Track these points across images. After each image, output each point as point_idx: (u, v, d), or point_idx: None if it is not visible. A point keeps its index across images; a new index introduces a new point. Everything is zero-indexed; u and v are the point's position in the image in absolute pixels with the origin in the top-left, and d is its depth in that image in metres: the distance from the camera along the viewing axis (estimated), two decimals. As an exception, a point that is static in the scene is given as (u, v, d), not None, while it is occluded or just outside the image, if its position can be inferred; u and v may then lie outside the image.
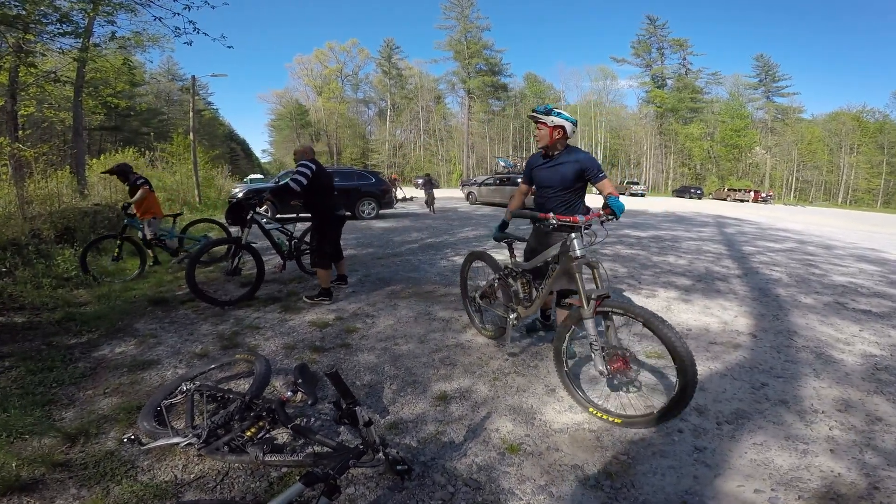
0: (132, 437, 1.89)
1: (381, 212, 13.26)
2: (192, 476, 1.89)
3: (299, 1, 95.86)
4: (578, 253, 2.35)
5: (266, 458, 1.74)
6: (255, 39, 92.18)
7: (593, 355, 2.22)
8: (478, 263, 3.57)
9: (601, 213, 2.40)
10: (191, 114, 17.75)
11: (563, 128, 2.73)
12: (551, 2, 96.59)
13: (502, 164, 31.87)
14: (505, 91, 60.78)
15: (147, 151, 17.16)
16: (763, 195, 40.52)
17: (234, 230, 5.32)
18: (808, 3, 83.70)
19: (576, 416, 2.38)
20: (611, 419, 2.24)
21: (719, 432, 2.25)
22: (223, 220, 5.49)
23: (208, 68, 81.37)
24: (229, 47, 7.63)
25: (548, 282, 2.63)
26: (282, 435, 2.09)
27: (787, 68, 78.97)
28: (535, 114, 2.78)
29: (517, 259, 3.04)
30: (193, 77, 17.74)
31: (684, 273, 6.02)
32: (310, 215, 4.44)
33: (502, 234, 3.06)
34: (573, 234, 2.37)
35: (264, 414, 1.92)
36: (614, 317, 2.22)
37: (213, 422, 1.92)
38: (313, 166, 4.23)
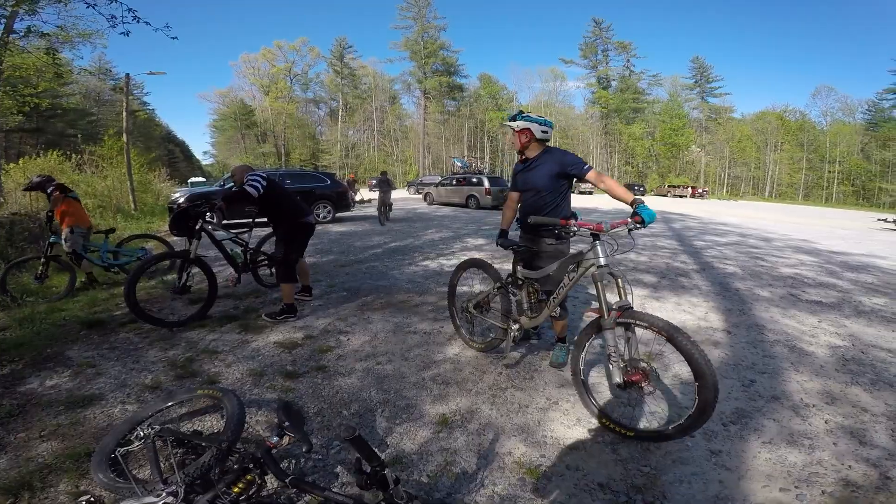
0: (91, 499, 1.55)
1: (338, 215, 12.77)
2: None
3: None
4: (602, 261, 2.24)
5: None
6: (194, 36, 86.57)
7: (611, 367, 2.11)
8: (471, 272, 3.39)
9: (628, 220, 2.25)
10: (124, 114, 16.28)
11: (528, 129, 2.72)
12: (505, 3, 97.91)
13: (458, 164, 32.19)
14: (461, 91, 61.11)
15: (74, 155, 15.59)
16: (699, 191, 43.26)
17: (178, 241, 4.79)
18: (740, 3, 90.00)
19: (585, 430, 2.28)
20: (624, 432, 2.15)
21: (728, 433, 2.24)
22: (162, 234, 4.93)
23: (144, 66, 76.19)
24: (173, 38, 7.01)
25: (562, 291, 2.50)
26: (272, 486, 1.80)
27: (720, 69, 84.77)
28: (506, 122, 2.84)
29: (521, 267, 2.86)
30: (127, 75, 16.30)
31: (648, 270, 6.14)
32: (271, 224, 4.09)
33: (508, 241, 2.87)
34: (597, 242, 2.26)
35: (251, 466, 1.63)
36: (636, 329, 2.11)
37: (187, 474, 1.60)
38: (264, 174, 3.95)
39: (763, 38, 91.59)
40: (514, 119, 2.77)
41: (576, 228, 2.31)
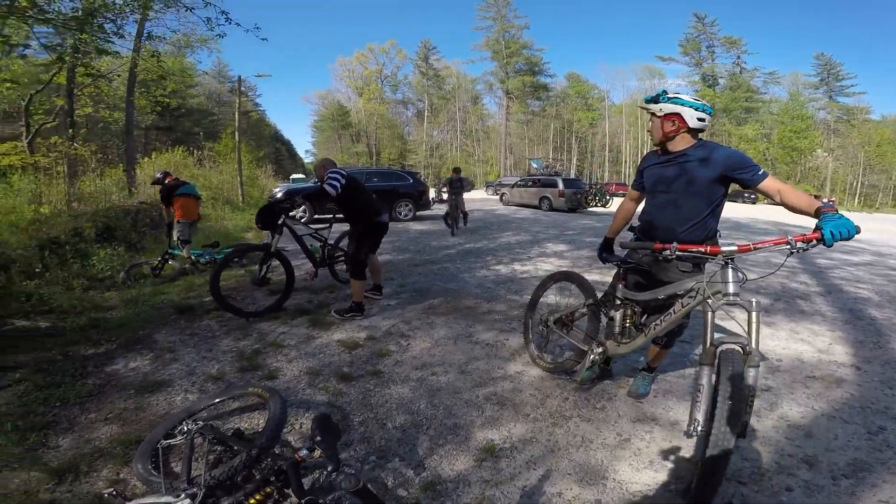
0: (114, 492, 1.59)
1: (419, 213, 12.96)
2: None
3: (339, 2, 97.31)
4: (732, 288, 1.78)
5: None
6: (298, 41, 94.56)
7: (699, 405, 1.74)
8: (561, 284, 3.06)
9: (790, 237, 1.70)
10: (236, 114, 18.14)
11: (677, 115, 2.06)
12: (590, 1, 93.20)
13: (534, 165, 31.79)
14: (546, 91, 59.46)
15: (196, 151, 17.69)
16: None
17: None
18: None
19: (658, 475, 1.93)
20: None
21: (836, 489, 1.84)
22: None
23: (256, 70, 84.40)
24: (263, 39, 7.62)
25: (670, 318, 2.06)
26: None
27: (850, 67, 72.95)
28: (644, 105, 2.21)
29: (622, 286, 2.45)
30: (239, 77, 18.15)
31: (758, 290, 5.31)
32: (348, 222, 4.17)
33: (613, 256, 2.51)
34: (729, 265, 1.81)
35: (272, 479, 1.55)
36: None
37: (212, 477, 1.59)
38: (344, 172, 3.96)
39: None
40: (655, 100, 2.13)
41: (673, 253, 1.87)
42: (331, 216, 5.22)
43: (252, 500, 1.48)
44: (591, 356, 2.42)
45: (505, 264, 6.53)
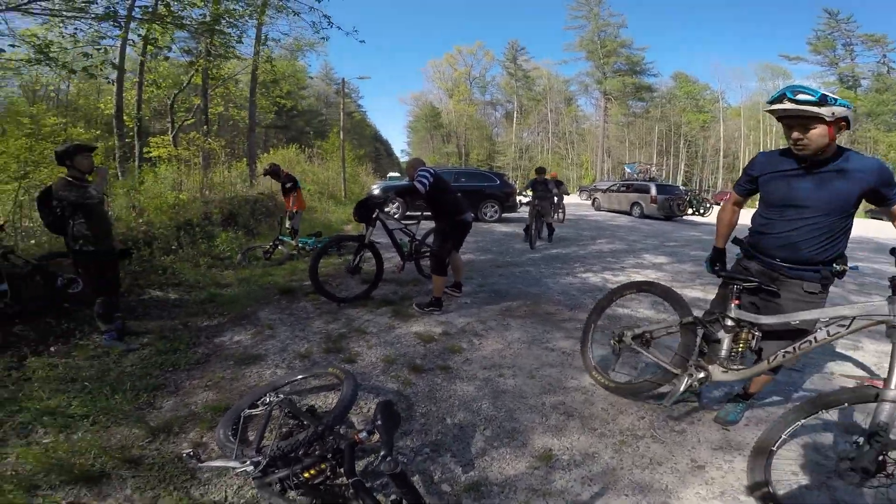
0: (191, 453, 1.81)
1: (504, 215, 12.87)
2: (241, 502, 1.76)
3: (430, 5, 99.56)
4: None
5: None
6: (393, 43, 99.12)
7: (866, 448, 1.51)
8: (641, 296, 2.82)
9: None
10: (341, 114, 19.61)
11: (846, 120, 1.76)
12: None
13: (629, 170, 30.03)
14: (649, 91, 55.38)
15: (307, 148, 19.45)
16: None
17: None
18: None
19: None
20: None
21: None
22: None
23: (357, 72, 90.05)
24: (361, 41, 8.15)
25: (805, 346, 1.85)
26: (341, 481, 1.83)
27: None
28: (798, 105, 1.72)
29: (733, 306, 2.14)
30: (343, 80, 19.63)
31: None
32: (434, 219, 4.31)
33: (725, 271, 2.20)
34: None
35: (329, 456, 1.66)
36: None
37: (278, 448, 1.73)
38: (432, 170, 4.12)
39: None
40: (823, 102, 1.69)
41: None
42: (419, 213, 5.42)
43: (307, 474, 1.60)
44: (688, 381, 2.18)
45: (595, 273, 6.22)
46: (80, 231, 3.10)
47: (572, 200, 27.57)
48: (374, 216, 4.34)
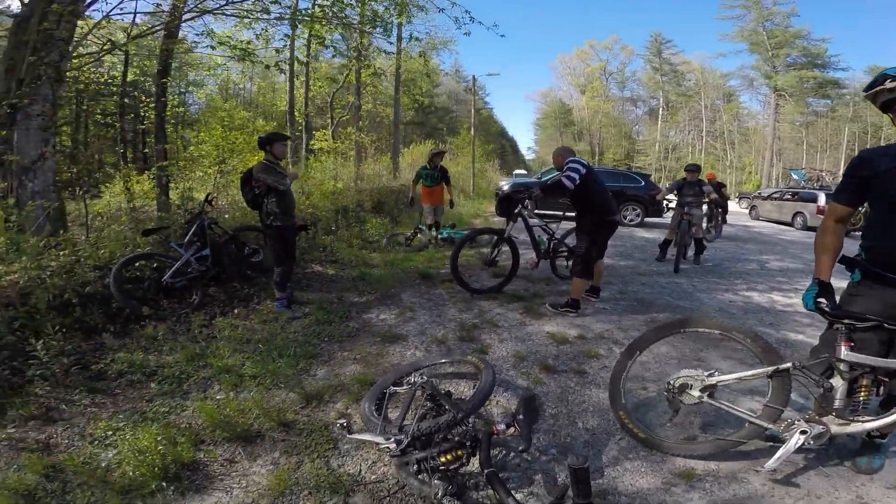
0: (343, 423, 1.93)
1: (647, 220, 11.78)
2: (372, 477, 1.83)
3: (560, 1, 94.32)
4: None
5: (444, 503, 1.51)
6: (519, 39, 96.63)
7: None
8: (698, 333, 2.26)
9: None
10: (472, 111, 20.07)
11: None
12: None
13: (795, 176, 25.64)
14: (837, 87, 45.34)
15: (441, 144, 20.38)
16: None
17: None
18: None
19: None
20: None
21: None
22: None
23: (483, 71, 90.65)
24: (501, 36, 8.09)
25: None
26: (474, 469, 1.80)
27: None
28: None
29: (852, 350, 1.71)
30: (474, 77, 19.98)
31: None
32: (577, 217, 4.07)
33: (836, 309, 1.73)
34: None
35: (467, 443, 1.65)
36: None
37: (418, 429, 1.76)
38: (585, 163, 3.85)
39: None
40: None
41: None
42: (560, 212, 5.24)
43: (443, 458, 1.61)
44: (801, 438, 1.73)
45: (760, 292, 5.32)
46: (271, 208, 3.64)
47: (730, 209, 24.24)
48: (515, 211, 4.30)
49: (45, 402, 2.33)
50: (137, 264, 3.69)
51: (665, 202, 10.52)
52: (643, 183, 11.66)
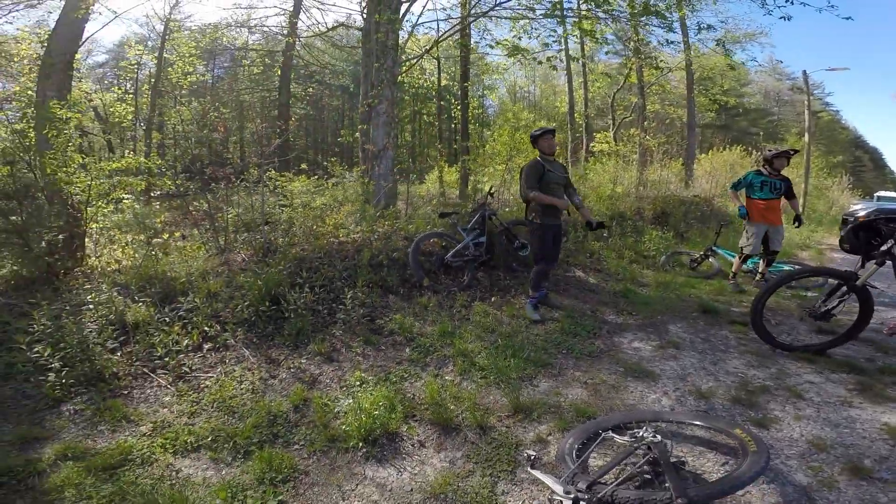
0: (532, 456, 1.71)
1: None
2: None
3: None
4: None
5: None
6: (879, 28, 64.02)
7: None
8: None
9: None
10: (805, 114, 15.27)
11: None
12: None
13: None
14: None
15: (753, 151, 16.54)
16: None
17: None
18: None
19: None
20: None
21: None
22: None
23: (823, 63, 66.38)
24: (847, 18, 5.46)
25: None
26: None
27: None
28: None
29: None
30: (804, 72, 14.86)
31: None
32: None
33: None
34: None
35: None
36: None
37: (612, 496, 1.42)
38: None
39: None
40: None
41: None
42: None
43: None
44: None
45: None
46: (534, 206, 3.63)
47: None
48: (883, 250, 2.89)
49: (335, 343, 2.95)
50: (432, 241, 4.35)
51: None
52: None
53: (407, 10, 5.72)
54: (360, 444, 2.02)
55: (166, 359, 2.65)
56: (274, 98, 14.95)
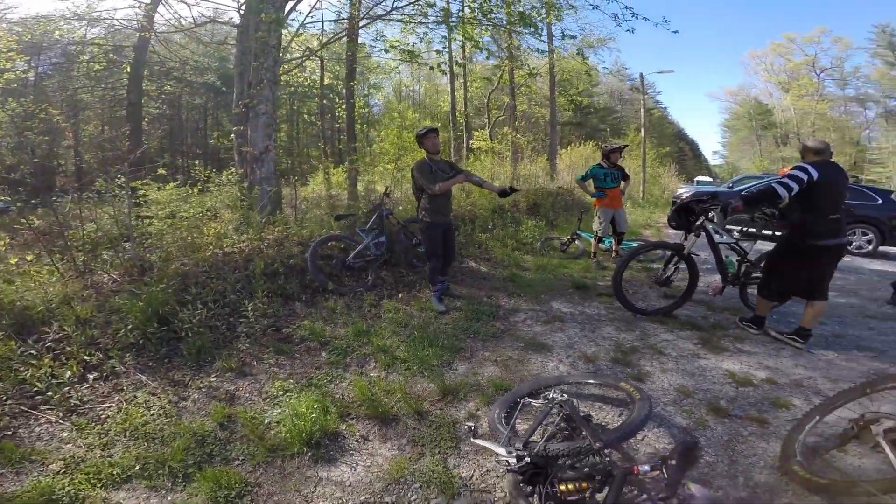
0: (471, 426, 1.85)
1: (883, 248, 9.10)
2: (482, 486, 1.80)
3: None
4: None
5: None
6: (701, 35, 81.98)
7: None
8: None
9: None
10: (641, 111, 18.23)
11: None
12: None
13: None
14: None
15: (602, 145, 19.10)
16: None
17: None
18: None
19: None
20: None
21: None
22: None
23: (655, 68, 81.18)
24: (674, 32, 6.91)
25: None
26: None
27: None
28: None
29: None
30: (641, 74, 18.02)
31: None
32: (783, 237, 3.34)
33: None
34: None
35: (597, 477, 1.45)
36: None
37: (544, 449, 1.62)
38: (815, 172, 3.02)
39: None
40: None
41: None
42: (770, 232, 4.33)
43: (562, 486, 1.45)
44: None
45: None
46: (423, 205, 3.83)
47: None
48: (697, 223, 3.70)
49: (243, 357, 2.83)
50: (330, 244, 4.29)
51: None
52: (879, 201, 9.01)
53: (292, 9, 5.48)
54: (304, 449, 2.01)
55: (49, 393, 2.28)
56: (121, 97, 12.90)
